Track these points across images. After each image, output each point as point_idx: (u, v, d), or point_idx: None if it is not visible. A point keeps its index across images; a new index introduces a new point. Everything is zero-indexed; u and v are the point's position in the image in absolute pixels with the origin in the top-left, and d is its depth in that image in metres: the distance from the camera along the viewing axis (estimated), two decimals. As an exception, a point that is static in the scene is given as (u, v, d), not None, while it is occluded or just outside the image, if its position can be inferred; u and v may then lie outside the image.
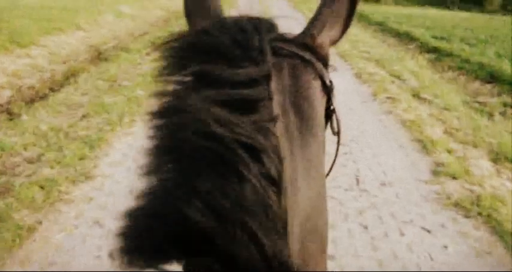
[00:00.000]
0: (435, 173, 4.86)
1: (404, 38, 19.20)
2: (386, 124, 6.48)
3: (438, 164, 5.06)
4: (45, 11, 16.41)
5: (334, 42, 1.20)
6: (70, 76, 9.94)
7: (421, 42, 17.38)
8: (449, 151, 5.48)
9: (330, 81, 1.15)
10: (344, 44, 13.46)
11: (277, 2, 30.94)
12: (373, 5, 39.60)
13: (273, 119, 0.82)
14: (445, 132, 6.36)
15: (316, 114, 1.01)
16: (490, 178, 4.83)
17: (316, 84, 1.06)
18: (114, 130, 5.50)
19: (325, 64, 1.14)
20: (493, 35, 19.63)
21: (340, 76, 9.60)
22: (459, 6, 44.77)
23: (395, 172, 4.83)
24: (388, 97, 7.74)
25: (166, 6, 24.09)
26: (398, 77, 9.78)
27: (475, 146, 5.92)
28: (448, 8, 43.92)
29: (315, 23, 1.14)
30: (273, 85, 0.87)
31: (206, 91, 0.81)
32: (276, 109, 0.87)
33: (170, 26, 17.47)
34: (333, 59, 1.57)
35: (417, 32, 19.45)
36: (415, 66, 12.17)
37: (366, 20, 25.92)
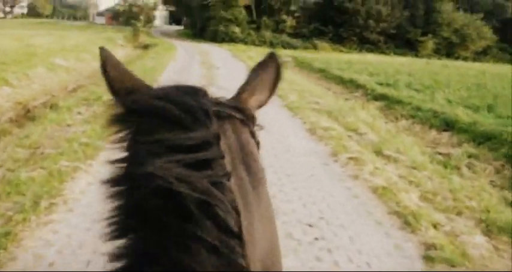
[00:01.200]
0: (428, 259, 4.05)
1: (349, 84, 18.96)
2: (355, 193, 5.69)
3: (428, 246, 4.27)
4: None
5: (261, 106, 1.29)
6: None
7: (367, 89, 17.13)
8: (434, 226, 4.73)
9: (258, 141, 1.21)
10: (290, 95, 12.88)
11: (216, 52, 30.52)
12: (311, 52, 40.04)
13: (227, 175, 0.89)
14: (422, 198, 5.65)
15: (260, 167, 1.08)
16: (490, 260, 4.09)
17: (253, 142, 1.13)
18: (26, 221, 4.38)
19: (254, 124, 1.20)
20: (436, 80, 19.68)
21: (293, 133, 8.88)
22: (394, 51, 46.09)
23: (381, 262, 3.99)
24: (350, 158, 7.01)
25: (103, 58, 23.13)
26: (354, 131, 9.15)
27: (459, 213, 5.24)
28: (384, 53, 45.06)
29: (246, 88, 1.23)
30: (222, 144, 0.93)
31: (163, 156, 0.85)
32: (228, 166, 0.93)
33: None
34: (283, 113, 7.90)
35: (361, 79, 19.28)
36: (367, 116, 11.67)
37: (308, 67, 25.77)
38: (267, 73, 1.29)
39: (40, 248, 3.95)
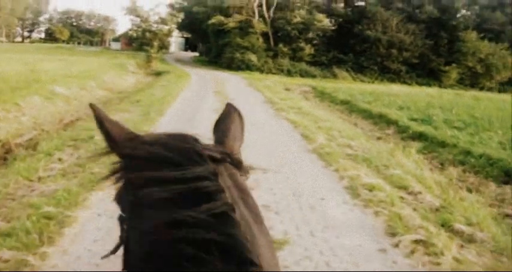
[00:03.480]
0: None
1: (378, 120, 17.01)
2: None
3: None
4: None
5: (239, 150, 1.28)
6: None
7: (400, 126, 15.18)
8: None
9: None
10: (317, 136, 10.94)
11: (231, 81, 28.71)
12: (331, 81, 38.12)
13: (231, 206, 0.91)
14: None
15: (257, 205, 1.08)
16: None
17: (245, 183, 1.14)
18: None
19: (242, 168, 1.18)
20: (474, 116, 17.60)
21: (330, 195, 6.86)
22: (416, 81, 44.04)
23: None
24: (415, 241, 5.03)
25: (109, 86, 21.44)
26: (405, 189, 7.16)
27: None
28: (405, 83, 43.02)
29: (226, 136, 1.25)
30: (220, 182, 0.96)
31: (162, 189, 0.92)
32: (229, 199, 0.95)
33: (108, 110, 14.66)
34: (313, 162, 6.84)
35: (391, 113, 17.31)
36: (410, 162, 9.69)
37: (329, 99, 23.75)
38: (235, 123, 1.32)
39: None
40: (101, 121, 1.16)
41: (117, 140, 1.13)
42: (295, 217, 5.86)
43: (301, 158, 8.97)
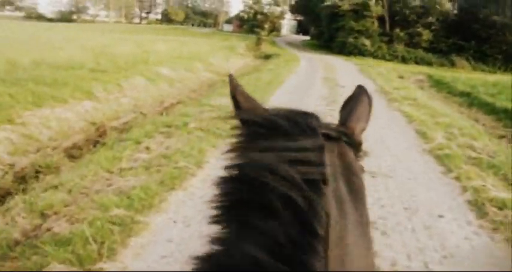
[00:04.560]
0: None
1: (503, 116, 15.04)
2: None
3: None
4: (70, 72, 13.46)
5: (362, 132, 1.30)
6: (20, 181, 6.61)
7: (532, 126, 13.26)
8: None
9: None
10: (435, 133, 9.55)
11: (342, 67, 27.27)
12: (448, 70, 35.38)
13: (323, 174, 0.92)
14: None
15: (362, 185, 1.09)
16: None
17: (358, 164, 1.14)
18: None
19: (360, 150, 1.22)
20: None
21: (449, 211, 5.61)
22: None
23: None
24: None
25: (216, 69, 21.00)
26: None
27: None
28: (535, 74, 39.08)
29: (350, 117, 1.26)
30: (326, 158, 0.97)
31: (270, 153, 0.94)
32: (328, 173, 0.95)
33: (211, 94, 14.11)
34: (427, 165, 6.18)
35: (521, 110, 15.31)
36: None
37: (447, 89, 21.61)
38: (362, 106, 1.32)
39: None
40: (234, 91, 1.22)
41: (244, 109, 1.19)
42: (406, 240, 4.77)
43: (416, 160, 7.73)
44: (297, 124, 1.01)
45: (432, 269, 4.24)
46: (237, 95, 1.21)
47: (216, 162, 6.87)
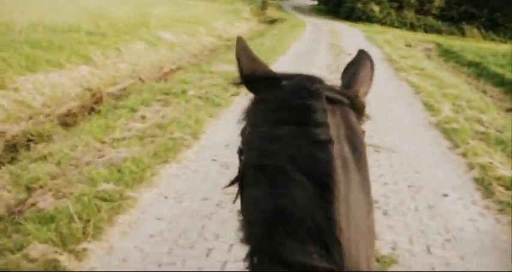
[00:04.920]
0: None
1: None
2: None
3: None
4: (67, 35, 13.07)
5: (365, 95, 1.32)
6: (11, 150, 6.38)
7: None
8: None
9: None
10: (442, 105, 9.22)
11: (348, 33, 26.62)
12: (458, 39, 34.63)
13: (330, 139, 0.98)
14: None
15: (364, 146, 1.12)
16: None
17: (359, 127, 1.17)
18: None
19: (363, 113, 1.24)
20: None
21: (455, 191, 5.37)
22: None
23: None
24: None
25: (219, 33, 20.52)
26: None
27: None
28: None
29: (354, 81, 1.29)
30: (329, 122, 1.02)
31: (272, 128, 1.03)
32: (332, 134, 1.00)
33: (213, 59, 13.75)
34: (434, 140, 6.21)
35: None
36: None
37: (455, 59, 21.06)
38: (365, 70, 1.35)
39: None
40: (240, 55, 1.23)
41: (249, 74, 1.20)
42: (408, 222, 4.53)
43: (422, 135, 7.44)
44: (302, 87, 1.06)
45: (434, 254, 4.02)
46: (241, 57, 1.22)
47: (213, 133, 6.62)
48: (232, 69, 11.37)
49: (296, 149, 0.96)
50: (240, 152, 1.21)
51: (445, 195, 5.19)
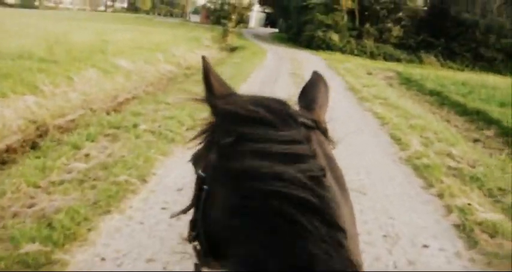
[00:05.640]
0: None
1: (475, 117, 14.41)
2: None
3: None
4: (16, 62, 12.32)
5: (324, 119, 1.29)
6: None
7: (503, 127, 12.65)
8: None
9: None
10: (410, 138, 8.83)
11: (309, 62, 26.39)
12: (417, 66, 34.93)
13: (323, 170, 0.94)
14: None
15: (342, 174, 1.13)
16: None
17: (332, 153, 1.16)
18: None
19: (328, 137, 1.22)
20: None
21: (437, 243, 4.83)
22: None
23: None
24: None
25: (178, 61, 19.91)
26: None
27: None
28: (500, 73, 38.89)
29: (314, 103, 1.29)
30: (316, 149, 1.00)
31: (259, 146, 0.94)
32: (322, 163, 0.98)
33: (170, 88, 13.14)
34: (409, 179, 5.39)
35: (492, 110, 14.65)
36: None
37: (417, 87, 20.98)
38: (321, 92, 1.35)
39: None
40: (207, 74, 1.21)
41: (216, 94, 1.16)
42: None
43: (393, 172, 6.94)
44: (278, 114, 1.01)
45: None
46: (210, 78, 1.20)
47: (164, 174, 5.95)
48: (188, 100, 10.72)
49: (292, 183, 0.87)
50: (202, 178, 1.07)
51: (425, 246, 4.66)
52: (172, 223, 4.59)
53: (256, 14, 68.84)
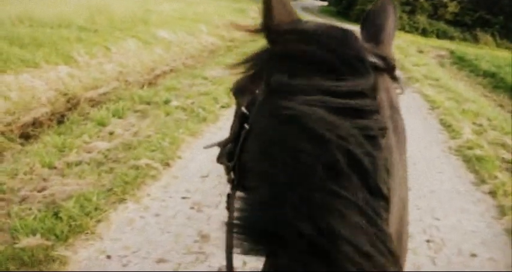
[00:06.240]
0: None
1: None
2: None
3: None
4: (55, 30, 12.03)
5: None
6: None
7: None
8: None
9: None
10: (462, 124, 8.11)
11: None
12: (471, 45, 33.34)
13: (383, 130, 0.84)
14: None
15: (404, 126, 1.02)
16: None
17: (398, 101, 1.04)
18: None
19: (395, 78, 1.05)
20: None
21: (488, 252, 4.21)
22: None
23: None
24: None
25: (221, 33, 19.36)
26: None
27: None
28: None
29: (382, 34, 1.10)
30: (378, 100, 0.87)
31: (317, 97, 0.81)
32: (384, 121, 0.86)
33: (209, 62, 12.69)
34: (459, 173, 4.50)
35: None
36: None
37: (470, 67, 19.81)
38: (390, 19, 1.14)
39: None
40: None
41: (275, 18, 0.99)
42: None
43: (442, 165, 6.30)
44: (343, 56, 0.86)
45: None
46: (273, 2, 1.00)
47: (190, 158, 5.51)
48: (222, 75, 10.22)
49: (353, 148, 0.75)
50: (244, 116, 1.01)
51: (474, 255, 4.08)
52: (191, 215, 4.16)
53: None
